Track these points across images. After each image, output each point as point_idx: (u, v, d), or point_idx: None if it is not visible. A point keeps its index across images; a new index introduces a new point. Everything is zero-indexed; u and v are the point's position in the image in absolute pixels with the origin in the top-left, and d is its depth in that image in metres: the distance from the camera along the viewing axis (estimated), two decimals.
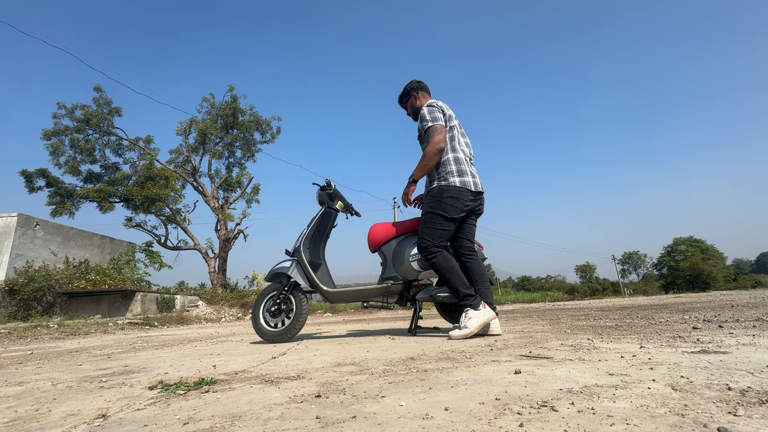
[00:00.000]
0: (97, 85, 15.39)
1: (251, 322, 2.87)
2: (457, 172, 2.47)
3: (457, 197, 2.45)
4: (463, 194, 2.46)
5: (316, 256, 2.94)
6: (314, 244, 2.95)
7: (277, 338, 2.75)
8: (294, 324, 2.75)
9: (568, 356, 1.58)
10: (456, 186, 2.46)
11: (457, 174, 2.47)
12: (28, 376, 1.86)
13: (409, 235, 2.83)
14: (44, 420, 1.05)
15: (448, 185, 2.46)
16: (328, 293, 2.78)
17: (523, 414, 0.86)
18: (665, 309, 4.97)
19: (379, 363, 1.65)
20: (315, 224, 2.96)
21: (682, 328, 2.49)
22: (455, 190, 2.45)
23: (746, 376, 1.08)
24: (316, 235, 2.97)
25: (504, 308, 10.08)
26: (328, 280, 2.87)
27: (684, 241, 51.78)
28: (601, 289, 45.48)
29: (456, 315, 2.89)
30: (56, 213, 14.42)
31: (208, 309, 10.53)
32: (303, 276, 2.80)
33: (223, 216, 15.90)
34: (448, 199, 2.44)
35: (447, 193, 2.44)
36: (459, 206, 2.45)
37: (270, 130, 17.81)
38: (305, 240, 2.89)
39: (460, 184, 2.46)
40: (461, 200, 2.45)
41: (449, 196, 2.44)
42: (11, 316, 8.84)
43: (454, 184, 2.46)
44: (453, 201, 2.44)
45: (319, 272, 2.87)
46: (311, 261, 2.84)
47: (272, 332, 2.77)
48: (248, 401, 1.11)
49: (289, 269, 2.81)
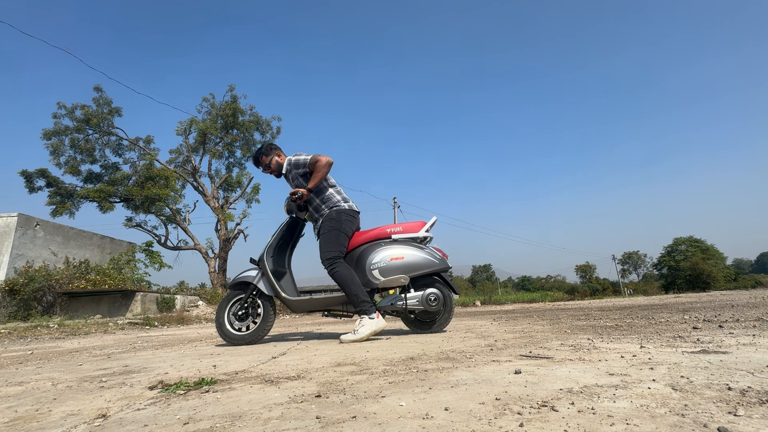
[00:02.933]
0: (97, 85, 15.40)
1: (215, 326, 2.89)
2: (343, 200, 2.96)
3: (352, 216, 2.94)
4: (354, 213, 2.96)
5: (280, 264, 2.98)
6: (279, 253, 3.00)
7: (243, 341, 2.77)
8: (262, 327, 2.80)
9: (568, 356, 1.58)
10: (347, 209, 2.93)
11: (343, 201, 2.95)
12: (29, 376, 1.86)
13: (371, 244, 2.91)
14: (44, 420, 1.05)
15: (342, 208, 2.91)
16: (290, 302, 2.82)
17: (523, 414, 0.86)
18: (665, 309, 4.97)
19: (379, 363, 1.65)
20: (280, 233, 3.02)
21: (682, 328, 2.49)
22: (350, 212, 2.93)
23: (746, 376, 1.08)
24: (282, 244, 3.02)
25: (504, 308, 10.08)
26: (291, 289, 2.91)
27: (684, 241, 51.77)
28: (601, 289, 45.49)
29: (420, 324, 2.93)
30: (56, 213, 14.41)
31: (208, 309, 10.54)
32: (267, 285, 2.84)
33: (223, 216, 15.89)
34: (346, 218, 2.88)
35: (345, 214, 2.88)
36: (354, 222, 2.94)
37: (270, 130, 17.80)
38: (269, 249, 2.93)
39: (348, 207, 2.94)
40: (354, 217, 2.96)
41: (347, 216, 2.89)
42: (11, 316, 8.84)
43: (350, 207, 2.95)
44: (350, 219, 2.91)
45: (282, 281, 2.92)
46: (275, 270, 2.88)
47: (238, 336, 2.79)
48: (248, 401, 1.11)
49: (254, 278, 2.86)
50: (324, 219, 2.88)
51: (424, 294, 2.78)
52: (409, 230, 2.97)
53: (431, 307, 2.77)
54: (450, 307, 2.89)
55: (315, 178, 2.81)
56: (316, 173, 2.81)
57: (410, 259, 2.80)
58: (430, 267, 2.81)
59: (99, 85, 15.41)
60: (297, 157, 2.92)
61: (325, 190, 2.95)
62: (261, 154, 3.06)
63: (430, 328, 2.90)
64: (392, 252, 2.82)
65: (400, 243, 2.89)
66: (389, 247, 2.85)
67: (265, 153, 3.06)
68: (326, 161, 2.83)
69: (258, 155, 3.08)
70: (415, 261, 2.80)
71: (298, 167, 2.91)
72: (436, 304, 2.78)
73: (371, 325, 2.57)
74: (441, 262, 2.84)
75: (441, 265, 2.83)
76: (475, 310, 9.17)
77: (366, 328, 2.55)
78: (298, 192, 2.78)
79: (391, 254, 2.81)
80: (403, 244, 2.89)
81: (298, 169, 2.91)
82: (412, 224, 3.01)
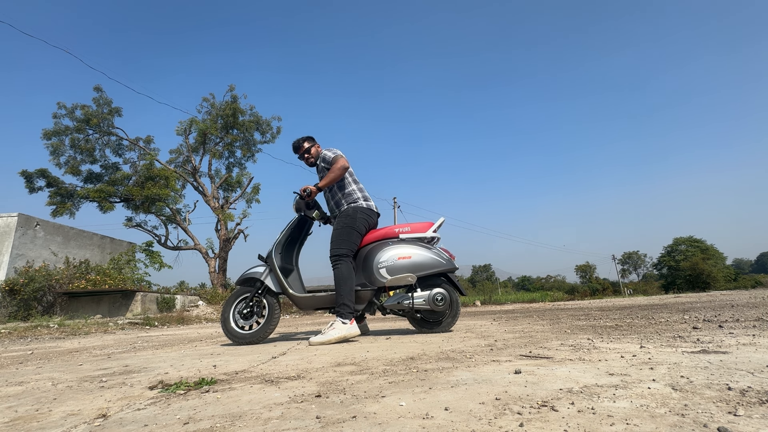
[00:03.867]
0: (97, 85, 15.41)
1: (221, 324, 2.89)
2: (363, 198, 2.99)
3: (369, 215, 2.96)
4: (372, 213, 2.99)
5: (288, 261, 2.99)
6: (287, 250, 3.01)
7: (248, 341, 2.77)
8: (266, 327, 2.80)
9: (568, 356, 1.58)
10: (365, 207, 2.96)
11: (363, 199, 2.99)
12: (29, 375, 1.86)
13: (378, 243, 2.92)
14: (44, 420, 1.05)
15: (360, 206, 2.94)
16: (298, 299, 2.83)
17: (523, 414, 0.86)
18: (665, 309, 4.97)
19: (379, 363, 1.65)
20: (288, 231, 3.03)
21: (682, 328, 2.49)
22: (368, 211, 2.96)
23: (746, 376, 1.08)
24: (290, 241, 3.03)
25: (504, 308, 10.08)
26: (298, 286, 2.92)
27: (684, 241, 51.74)
28: (601, 289, 45.45)
29: (426, 324, 2.92)
30: (57, 213, 14.42)
31: (208, 309, 10.54)
32: (275, 281, 2.85)
33: (223, 216, 15.89)
34: (362, 216, 2.90)
35: (361, 212, 2.90)
36: (370, 222, 2.96)
37: (270, 130, 17.80)
38: (278, 246, 2.95)
39: (366, 206, 2.96)
40: (371, 217, 2.98)
41: (363, 215, 2.91)
42: (11, 316, 8.84)
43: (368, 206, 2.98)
44: (366, 217, 2.93)
45: (290, 278, 2.93)
46: (282, 266, 2.89)
47: (243, 334, 2.79)
48: (248, 401, 1.11)
49: (261, 274, 2.87)
50: (341, 214, 2.92)
51: (431, 294, 2.78)
52: (417, 230, 2.98)
53: (438, 306, 2.77)
54: (456, 308, 2.89)
55: (327, 178, 2.86)
56: (330, 173, 2.87)
57: (417, 258, 2.81)
58: (438, 267, 2.81)
59: (99, 85, 15.45)
60: (327, 152, 3.02)
61: (348, 186, 3.00)
62: (303, 141, 3.18)
63: (435, 327, 2.90)
64: (400, 251, 2.83)
65: (407, 242, 2.90)
66: (397, 246, 2.86)
67: (307, 140, 3.19)
68: (342, 165, 2.89)
69: (300, 141, 3.18)
70: (422, 261, 2.81)
71: (324, 161, 3.01)
72: (442, 304, 2.78)
73: (342, 329, 2.55)
74: (448, 263, 2.84)
75: (448, 266, 2.84)
76: (475, 310, 9.17)
77: (336, 332, 2.53)
78: (307, 189, 2.81)
79: (398, 253, 2.82)
80: (411, 243, 2.90)
81: (324, 163, 3.01)
82: (420, 224, 3.03)
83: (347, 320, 2.60)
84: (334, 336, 2.52)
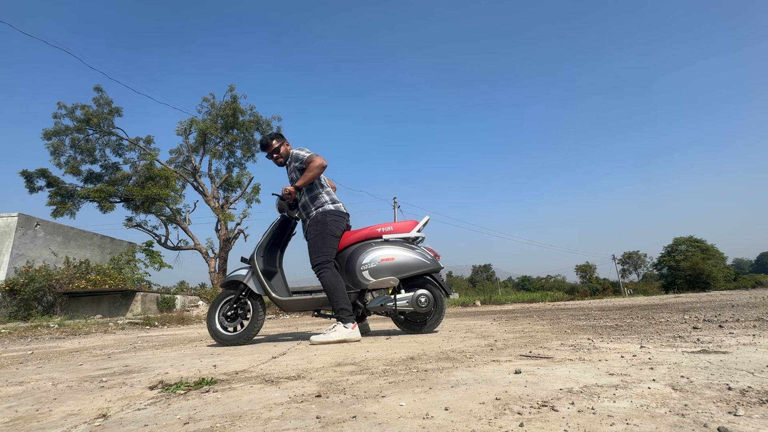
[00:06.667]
0: (97, 85, 15.40)
1: (206, 326, 2.90)
2: (331, 201, 2.94)
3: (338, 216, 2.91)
4: (342, 214, 2.94)
5: (271, 264, 2.98)
6: (270, 252, 2.99)
7: (233, 342, 2.77)
8: (250, 329, 2.80)
9: (568, 356, 1.58)
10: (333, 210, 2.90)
11: (330, 202, 2.93)
12: (29, 375, 1.86)
13: (361, 244, 2.89)
14: (45, 420, 1.05)
15: (328, 209, 2.89)
16: (281, 301, 2.82)
17: (523, 414, 0.86)
18: (665, 309, 4.97)
19: (379, 363, 1.65)
20: (271, 232, 3.01)
21: (682, 328, 2.49)
22: (337, 213, 2.90)
23: (746, 376, 1.08)
24: (273, 243, 3.02)
25: (504, 308, 10.08)
26: (282, 288, 2.91)
27: (684, 241, 51.74)
28: (601, 289, 45.46)
29: (410, 324, 2.92)
30: (57, 213, 14.41)
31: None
32: (258, 284, 2.84)
33: (223, 216, 15.89)
34: (331, 219, 2.85)
35: (330, 215, 2.86)
36: (341, 223, 2.91)
37: (270, 130, 17.79)
38: (260, 248, 2.93)
39: (335, 208, 2.91)
40: (342, 218, 2.93)
41: (333, 218, 2.86)
42: (12, 316, 8.84)
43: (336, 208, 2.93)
44: (336, 220, 2.88)
45: (273, 280, 2.92)
46: (265, 269, 2.88)
47: (228, 336, 2.80)
48: (248, 401, 1.11)
49: (244, 277, 2.85)
50: (311, 222, 2.88)
51: (414, 295, 2.76)
52: (400, 230, 2.94)
53: (421, 308, 2.75)
54: (441, 308, 2.86)
55: (304, 178, 2.81)
56: (307, 173, 2.81)
57: (401, 259, 2.78)
58: (421, 268, 2.78)
59: (99, 85, 15.43)
60: (299, 151, 2.93)
61: (316, 189, 2.95)
62: (272, 138, 3.06)
63: (420, 329, 2.88)
64: (383, 252, 2.79)
65: (391, 243, 2.87)
66: (380, 247, 2.83)
67: (275, 138, 3.08)
68: (319, 163, 2.82)
69: (269, 139, 3.06)
70: (405, 262, 2.78)
71: (297, 161, 2.92)
72: (426, 305, 2.76)
73: (344, 333, 2.55)
74: (432, 263, 2.81)
75: (432, 266, 2.81)
76: (475, 310, 9.17)
77: (338, 334, 2.54)
78: (286, 189, 2.80)
79: (381, 255, 2.78)
80: (394, 244, 2.86)
81: (297, 162, 2.92)
82: (404, 224, 2.98)
83: (349, 325, 2.59)
84: (336, 338, 2.53)
